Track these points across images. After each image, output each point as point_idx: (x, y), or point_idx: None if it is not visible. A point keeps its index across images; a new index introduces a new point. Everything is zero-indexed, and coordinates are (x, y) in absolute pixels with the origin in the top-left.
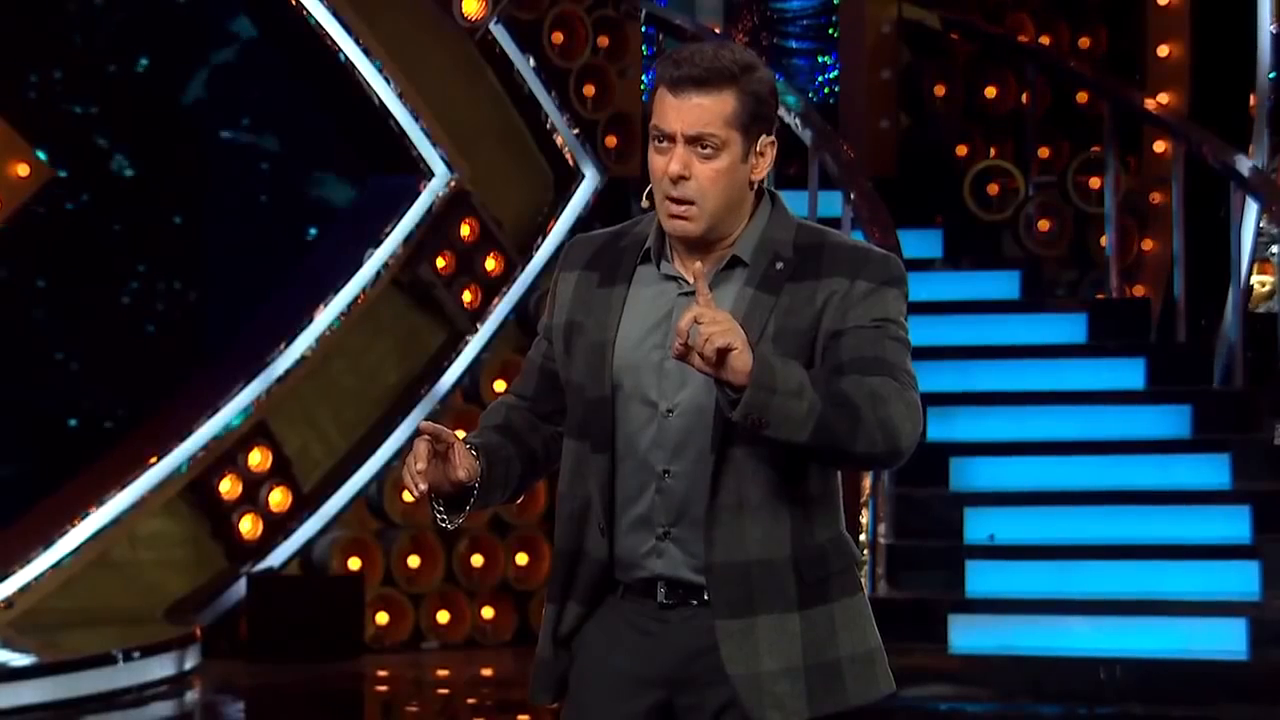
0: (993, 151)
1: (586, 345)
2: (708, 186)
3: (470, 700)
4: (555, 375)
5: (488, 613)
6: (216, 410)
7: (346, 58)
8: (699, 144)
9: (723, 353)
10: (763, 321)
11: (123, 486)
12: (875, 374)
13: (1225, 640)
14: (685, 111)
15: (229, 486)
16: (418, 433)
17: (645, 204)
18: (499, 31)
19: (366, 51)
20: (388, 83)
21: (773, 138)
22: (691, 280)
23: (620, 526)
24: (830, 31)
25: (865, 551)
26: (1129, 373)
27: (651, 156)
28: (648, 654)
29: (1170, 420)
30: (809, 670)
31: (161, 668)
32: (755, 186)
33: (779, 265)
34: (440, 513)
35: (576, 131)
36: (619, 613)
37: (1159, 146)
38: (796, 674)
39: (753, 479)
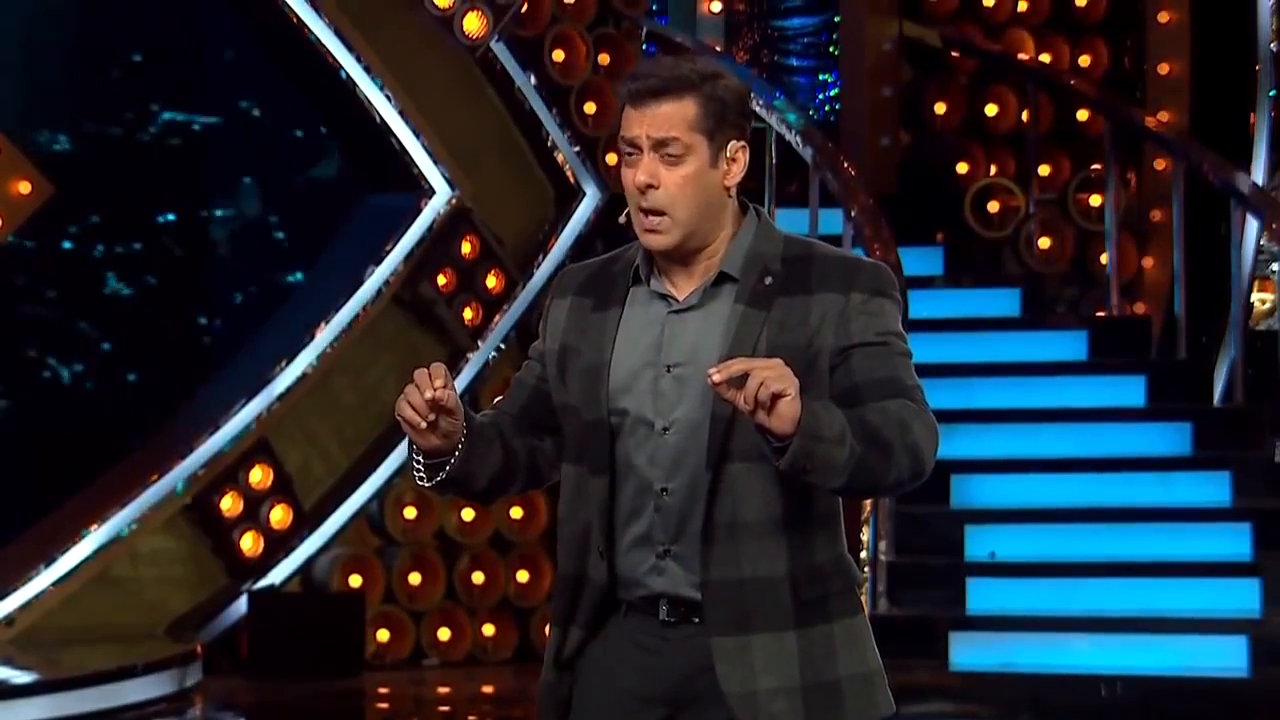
0: (993, 169)
1: (581, 369)
2: (676, 194)
3: (471, 717)
4: (546, 396)
5: (489, 630)
6: (218, 428)
7: (348, 75)
8: (663, 151)
9: (776, 397)
10: (754, 337)
11: (124, 504)
12: (892, 396)
13: (1226, 658)
14: (646, 119)
15: (230, 504)
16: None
17: (623, 220)
18: (500, 49)
19: (368, 69)
20: (389, 100)
21: (743, 143)
22: (681, 298)
23: (620, 546)
24: (831, 49)
25: (866, 569)
26: (1129, 390)
27: (622, 172)
28: (651, 672)
29: (1171, 438)
30: (806, 689)
31: (162, 685)
32: (731, 194)
33: (768, 280)
34: (419, 467)
35: (577, 149)
36: (622, 632)
37: (1159, 164)
38: (794, 692)
39: (749, 497)
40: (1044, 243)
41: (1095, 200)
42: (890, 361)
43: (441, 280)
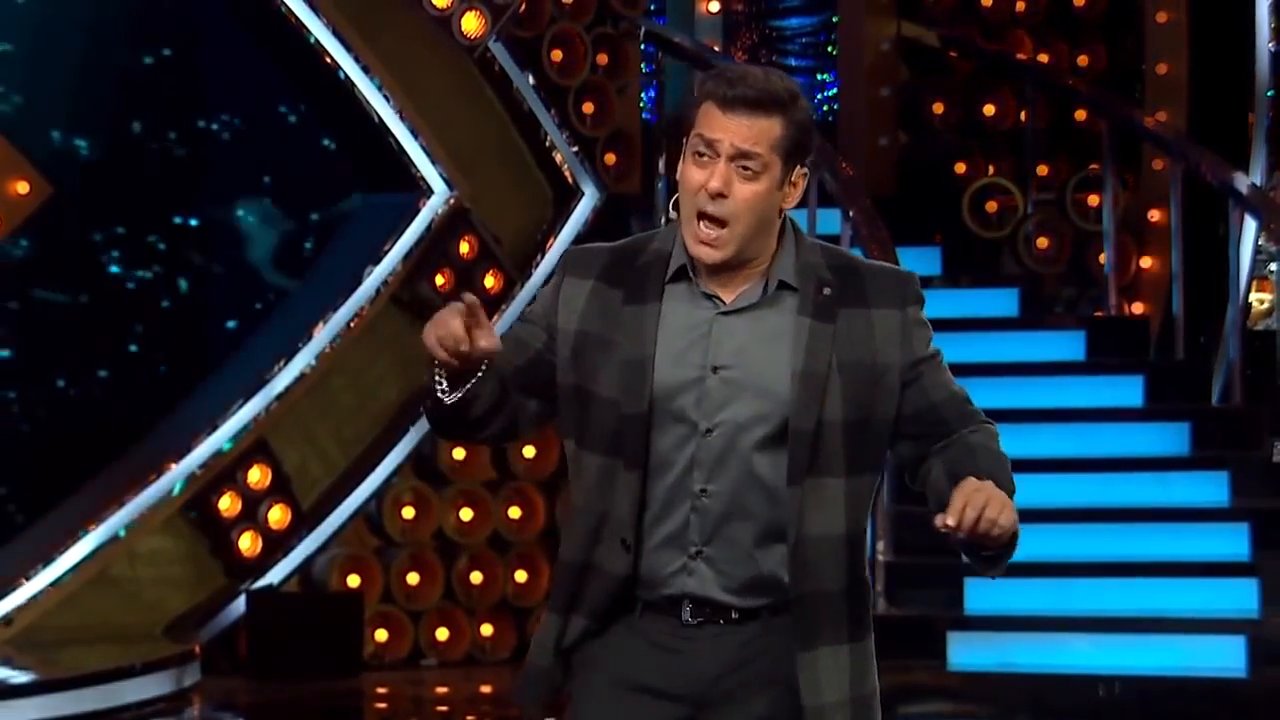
0: (991, 169)
1: (621, 362)
2: (742, 209)
3: (469, 717)
4: (547, 365)
5: (487, 630)
6: (216, 428)
7: (346, 75)
8: (743, 163)
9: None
10: (828, 354)
11: (122, 504)
12: (967, 414)
13: (1224, 658)
14: (735, 129)
15: (228, 504)
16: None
17: (673, 214)
18: (498, 49)
19: (366, 69)
20: (387, 100)
21: (805, 169)
22: (729, 300)
23: (647, 545)
24: (829, 49)
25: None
26: (1128, 390)
27: (689, 169)
28: (674, 672)
29: (1169, 438)
30: (854, 702)
31: (161, 685)
32: (783, 214)
33: (826, 290)
34: (441, 383)
35: (575, 149)
36: (637, 631)
37: (1157, 164)
38: (845, 707)
39: (822, 511)
40: (1042, 243)
41: (1093, 200)
42: (946, 374)
43: (440, 280)
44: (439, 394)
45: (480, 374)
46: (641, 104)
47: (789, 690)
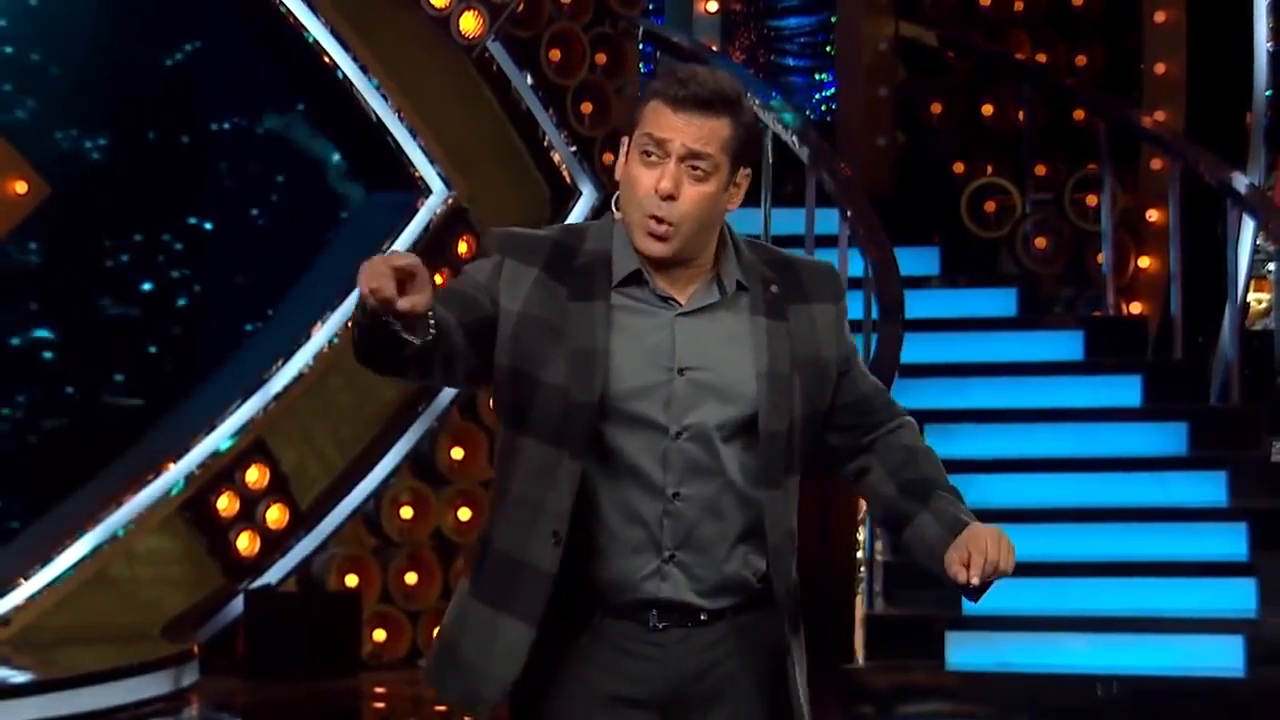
0: (990, 169)
1: (568, 352)
2: (689, 210)
3: (467, 717)
4: (491, 329)
5: None
6: (214, 427)
7: (344, 75)
8: (693, 164)
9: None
10: (786, 351)
11: (120, 504)
12: (889, 405)
13: (1222, 658)
14: (685, 129)
15: (226, 504)
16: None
17: (617, 215)
18: (496, 49)
19: (364, 69)
20: (385, 100)
21: (749, 171)
22: (683, 302)
23: (614, 549)
24: (827, 49)
25: (862, 569)
26: (1126, 390)
27: (636, 168)
28: (644, 678)
29: (1167, 437)
30: (806, 701)
31: (158, 685)
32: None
33: (773, 288)
34: (396, 326)
35: (574, 149)
36: (600, 638)
37: (1156, 164)
38: (803, 705)
39: (787, 509)
40: (1040, 242)
41: (1092, 200)
42: (864, 365)
43: (439, 280)
44: (399, 333)
45: (409, 327)
46: None
47: (760, 688)
